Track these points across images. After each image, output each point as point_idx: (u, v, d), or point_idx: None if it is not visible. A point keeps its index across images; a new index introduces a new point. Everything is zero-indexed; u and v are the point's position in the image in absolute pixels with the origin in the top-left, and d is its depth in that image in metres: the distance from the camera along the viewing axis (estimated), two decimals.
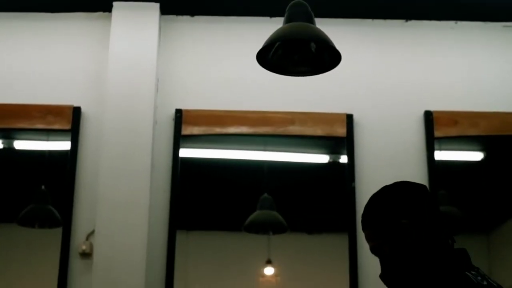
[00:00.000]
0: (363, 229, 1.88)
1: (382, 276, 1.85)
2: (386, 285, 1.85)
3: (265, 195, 3.97)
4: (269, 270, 4.43)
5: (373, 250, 1.86)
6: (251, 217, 3.99)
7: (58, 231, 3.67)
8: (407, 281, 1.80)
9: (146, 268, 3.49)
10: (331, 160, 4.16)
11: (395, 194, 1.86)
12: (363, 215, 1.89)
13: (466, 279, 1.69)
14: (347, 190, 3.75)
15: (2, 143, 4.18)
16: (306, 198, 4.27)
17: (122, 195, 3.57)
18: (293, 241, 4.39)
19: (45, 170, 4.06)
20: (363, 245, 3.50)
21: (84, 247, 3.55)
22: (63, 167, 3.77)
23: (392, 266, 1.82)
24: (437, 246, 1.79)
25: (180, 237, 3.78)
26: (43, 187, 3.99)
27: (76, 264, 3.58)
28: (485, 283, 1.72)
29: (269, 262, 4.38)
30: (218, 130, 3.85)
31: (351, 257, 3.65)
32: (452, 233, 1.85)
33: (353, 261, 3.64)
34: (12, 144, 4.22)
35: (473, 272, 1.73)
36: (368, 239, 1.87)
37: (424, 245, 1.78)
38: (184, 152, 3.86)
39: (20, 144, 4.27)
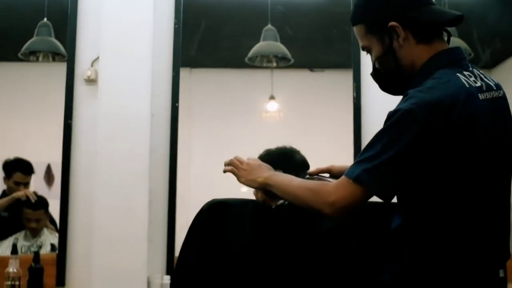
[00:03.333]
0: (352, 25, 1.81)
1: (373, 75, 1.83)
2: (377, 83, 1.84)
3: (269, 26, 3.93)
4: (272, 106, 4.48)
5: (363, 49, 1.82)
6: (255, 48, 3.96)
7: (63, 64, 3.67)
8: (393, 82, 1.79)
9: (152, 97, 3.50)
10: None
11: None
12: (353, 10, 1.82)
13: (456, 80, 1.64)
14: None
15: None
16: (310, 33, 4.25)
17: (125, 23, 3.52)
18: (296, 78, 4.42)
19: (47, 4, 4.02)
20: (367, 82, 3.51)
21: (89, 73, 3.55)
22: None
23: (380, 68, 1.79)
24: (425, 46, 1.72)
25: (184, 75, 3.76)
26: (45, 19, 3.96)
27: (81, 90, 3.59)
28: (478, 84, 1.66)
29: (272, 98, 4.42)
30: None
31: (357, 94, 3.63)
32: (449, 25, 1.77)
33: (357, 97, 3.63)
34: None
35: (465, 73, 1.67)
36: (357, 36, 1.81)
37: (410, 46, 1.72)
38: None
39: None
